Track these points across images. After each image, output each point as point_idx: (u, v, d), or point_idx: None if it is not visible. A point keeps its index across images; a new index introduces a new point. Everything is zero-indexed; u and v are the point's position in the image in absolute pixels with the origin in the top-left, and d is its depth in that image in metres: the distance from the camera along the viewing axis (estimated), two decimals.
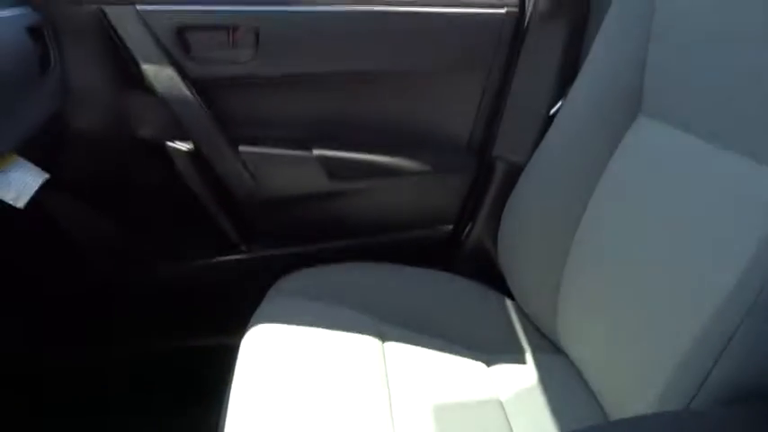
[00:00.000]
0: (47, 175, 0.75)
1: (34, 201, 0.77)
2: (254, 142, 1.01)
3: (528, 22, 0.97)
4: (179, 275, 1.12)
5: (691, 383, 0.50)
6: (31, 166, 0.75)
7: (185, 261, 1.11)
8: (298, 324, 0.80)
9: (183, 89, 0.94)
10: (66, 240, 1.05)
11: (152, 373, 1.14)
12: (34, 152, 0.81)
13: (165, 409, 1.10)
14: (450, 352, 0.81)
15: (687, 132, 0.66)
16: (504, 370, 0.81)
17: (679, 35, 0.69)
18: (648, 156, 0.72)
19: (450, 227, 1.11)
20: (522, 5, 0.97)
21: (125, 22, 0.91)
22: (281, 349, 0.76)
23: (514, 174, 0.95)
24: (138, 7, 0.90)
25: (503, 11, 0.97)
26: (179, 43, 0.93)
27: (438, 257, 1.07)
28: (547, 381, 0.79)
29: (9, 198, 0.70)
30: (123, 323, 1.14)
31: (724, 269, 0.52)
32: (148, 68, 0.92)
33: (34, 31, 0.84)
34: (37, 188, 0.73)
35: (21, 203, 0.71)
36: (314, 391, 0.70)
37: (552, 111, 0.96)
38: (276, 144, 1.01)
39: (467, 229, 1.09)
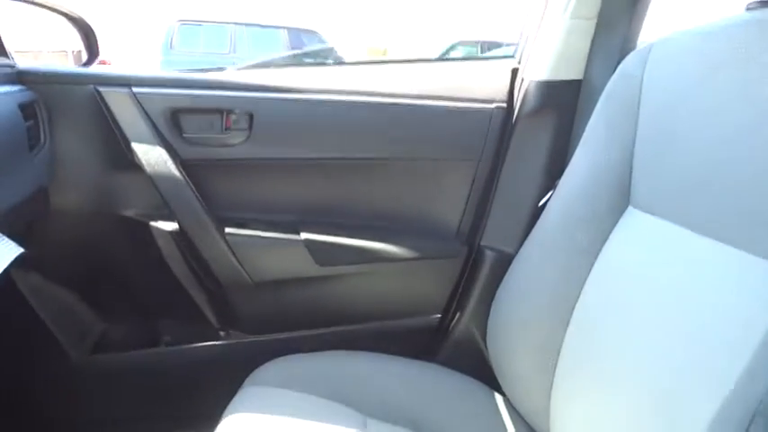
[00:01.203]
0: (21, 250, 0.72)
1: (6, 276, 0.74)
2: (241, 225, 0.99)
3: (516, 117, 1.00)
4: (152, 363, 1.06)
5: None
6: (6, 239, 0.72)
7: (160, 347, 1.06)
8: (274, 416, 0.75)
9: (172, 169, 0.93)
10: (34, 319, 1.00)
11: None
12: (13, 226, 0.78)
13: None
14: None
15: (679, 225, 0.66)
16: None
17: (665, 127, 0.70)
18: (641, 248, 0.71)
19: (438, 316, 1.08)
20: (510, 101, 1.00)
21: (120, 102, 0.91)
22: None
23: (504, 263, 0.93)
24: (134, 89, 0.92)
25: (492, 106, 1.00)
26: (172, 125, 0.93)
27: (425, 347, 1.04)
28: None
29: None
30: (86, 413, 1.06)
31: (731, 363, 0.51)
32: (139, 148, 0.92)
33: (26, 108, 0.84)
34: (10, 262, 0.70)
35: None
36: None
37: (541, 202, 0.97)
38: (264, 227, 1.00)
39: (455, 319, 1.06)
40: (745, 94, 0.60)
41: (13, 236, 0.76)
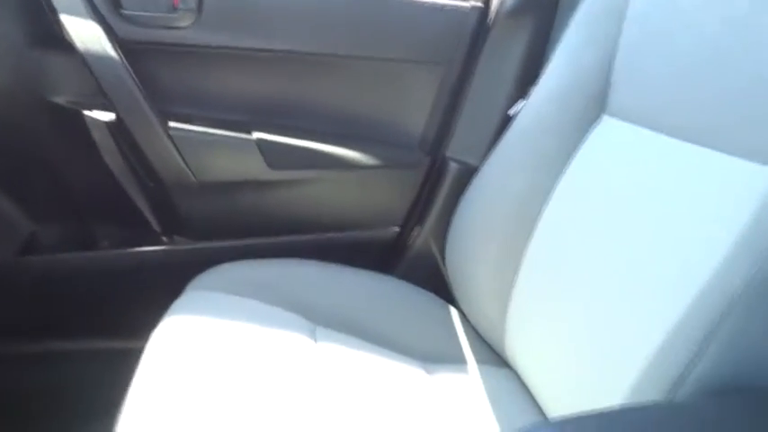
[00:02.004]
0: None
1: None
2: (187, 120, 0.93)
3: (493, 18, 0.95)
4: (87, 268, 1.01)
5: (666, 378, 0.47)
6: None
7: (96, 251, 1.01)
8: (217, 320, 0.72)
9: (108, 50, 0.84)
10: None
11: (44, 379, 1.02)
12: None
13: (62, 422, 1.00)
14: (389, 357, 0.76)
15: (657, 131, 0.64)
16: (445, 379, 0.76)
17: (652, 28, 0.67)
18: (614, 156, 0.69)
19: (397, 229, 1.06)
20: (485, 2, 0.96)
21: None
22: (192, 350, 0.67)
23: (468, 176, 0.91)
24: None
25: (467, 5, 0.95)
26: None
27: (382, 260, 1.03)
28: (491, 392, 0.75)
29: None
30: (15, 319, 1.01)
31: (703, 263, 0.49)
32: (69, 22, 0.82)
33: None
34: None
35: None
36: (229, 397, 0.61)
37: (512, 111, 0.93)
38: (212, 124, 0.94)
39: (414, 232, 1.04)
40: None
41: None
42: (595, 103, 0.73)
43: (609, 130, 0.71)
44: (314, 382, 0.67)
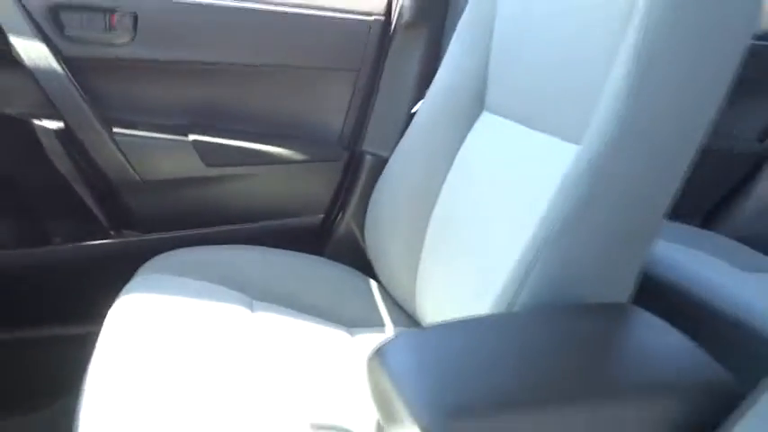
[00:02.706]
0: None
1: None
2: (130, 126, 1.02)
3: (393, 30, 1.08)
4: (42, 261, 1.08)
5: (510, 294, 0.62)
6: None
7: (49, 246, 1.08)
8: (165, 297, 0.82)
9: (54, 66, 0.94)
10: None
11: (9, 363, 1.08)
12: None
13: (27, 403, 1.06)
14: (317, 323, 0.87)
15: (514, 121, 0.79)
16: (365, 339, 0.87)
17: (513, 36, 0.82)
18: (488, 144, 0.84)
19: (322, 215, 1.17)
20: (387, 14, 1.08)
21: None
22: (144, 326, 0.76)
23: (381, 167, 1.03)
24: None
25: (370, 18, 1.08)
26: (53, 21, 0.93)
27: (310, 244, 1.13)
28: None
29: None
30: None
31: (534, 213, 0.64)
32: (18, 43, 0.92)
33: None
34: None
35: None
36: (183, 359, 0.70)
37: (414, 109, 1.07)
38: (152, 128, 1.03)
39: (337, 218, 1.16)
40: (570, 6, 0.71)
41: None
42: (476, 100, 0.87)
43: (487, 124, 0.86)
44: (251, 346, 0.77)
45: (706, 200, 1.37)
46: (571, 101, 0.68)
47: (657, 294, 0.54)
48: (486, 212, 0.77)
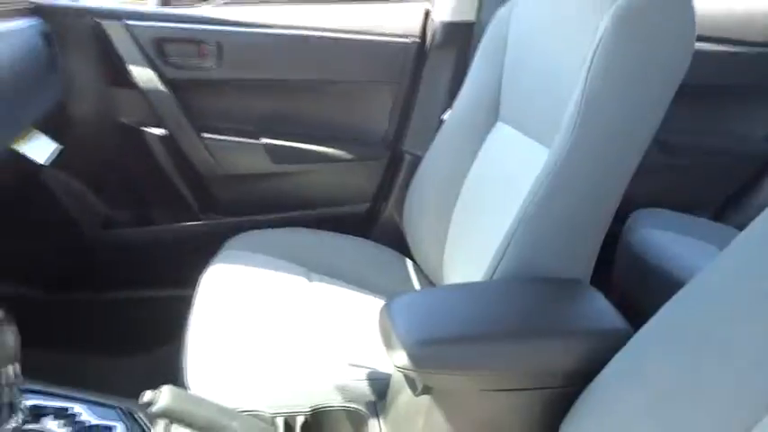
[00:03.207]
0: (60, 146, 1.00)
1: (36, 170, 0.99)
2: (215, 131, 1.28)
3: (428, 50, 1.28)
4: (147, 238, 1.37)
5: (493, 267, 0.79)
6: (46, 137, 1.00)
7: (153, 226, 1.37)
8: (242, 268, 1.06)
9: (159, 86, 1.21)
10: (55, 205, 1.29)
11: (122, 319, 1.35)
12: (45, 130, 1.05)
13: (135, 348, 1.31)
14: (360, 292, 1.08)
15: (515, 129, 0.96)
16: None
17: (520, 55, 0.98)
18: (497, 148, 1.02)
19: (367, 205, 1.39)
20: (422, 37, 1.28)
21: (116, 33, 1.17)
22: (230, 290, 1.00)
23: (417, 164, 1.22)
24: (126, 21, 1.17)
25: (408, 40, 1.28)
26: (158, 51, 1.20)
27: (357, 228, 1.35)
28: None
29: (36, 157, 0.95)
30: (99, 275, 1.37)
31: (514, 206, 0.81)
32: (133, 69, 1.19)
33: (46, 37, 1.09)
34: (56, 153, 0.98)
35: (45, 161, 0.97)
36: (258, 316, 0.95)
37: (444, 116, 1.26)
38: (232, 133, 1.29)
39: (380, 207, 1.38)
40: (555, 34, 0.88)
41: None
42: (493, 111, 1.04)
43: (499, 131, 1.03)
44: (308, 307, 0.99)
45: (718, 195, 1.49)
46: (547, 113, 0.85)
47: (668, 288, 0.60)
48: (487, 203, 0.96)
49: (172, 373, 0.86)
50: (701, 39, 0.95)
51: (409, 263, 1.23)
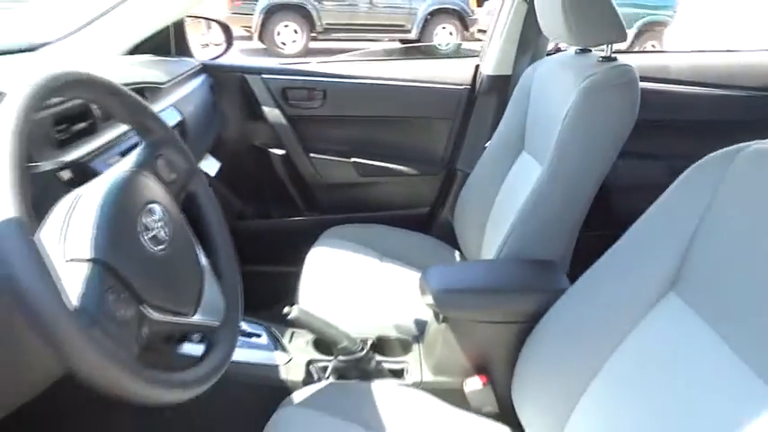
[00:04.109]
0: (220, 163, 1.51)
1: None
2: (319, 152, 1.77)
3: (476, 95, 1.71)
4: (268, 228, 1.88)
5: (499, 249, 1.18)
6: (213, 157, 1.52)
7: (272, 219, 1.87)
8: (336, 252, 1.51)
9: (282, 120, 1.71)
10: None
11: (249, 285, 1.80)
12: (212, 153, 1.57)
13: (258, 306, 1.72)
14: (414, 270, 1.48)
15: (531, 156, 1.35)
16: None
17: (535, 103, 1.36)
18: (518, 169, 1.41)
19: (428, 209, 1.83)
20: (473, 85, 1.71)
21: (255, 83, 1.69)
22: (328, 267, 1.45)
23: (466, 179, 1.61)
24: (263, 76, 1.68)
25: (461, 87, 1.72)
26: (282, 95, 1.70)
27: (419, 227, 1.76)
28: None
29: (209, 171, 1.47)
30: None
31: (517, 203, 1.20)
32: (265, 108, 1.70)
33: (211, 88, 1.62)
34: (218, 167, 1.49)
35: (214, 175, 1.48)
36: (345, 282, 1.39)
37: (487, 144, 1.66)
38: (331, 153, 1.77)
39: (437, 211, 1.81)
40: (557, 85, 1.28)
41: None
42: (519, 143, 1.43)
43: (523, 158, 1.43)
44: (379, 277, 1.41)
45: None
46: (545, 145, 1.23)
47: None
48: (505, 209, 1.36)
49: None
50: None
51: (456, 252, 1.63)
